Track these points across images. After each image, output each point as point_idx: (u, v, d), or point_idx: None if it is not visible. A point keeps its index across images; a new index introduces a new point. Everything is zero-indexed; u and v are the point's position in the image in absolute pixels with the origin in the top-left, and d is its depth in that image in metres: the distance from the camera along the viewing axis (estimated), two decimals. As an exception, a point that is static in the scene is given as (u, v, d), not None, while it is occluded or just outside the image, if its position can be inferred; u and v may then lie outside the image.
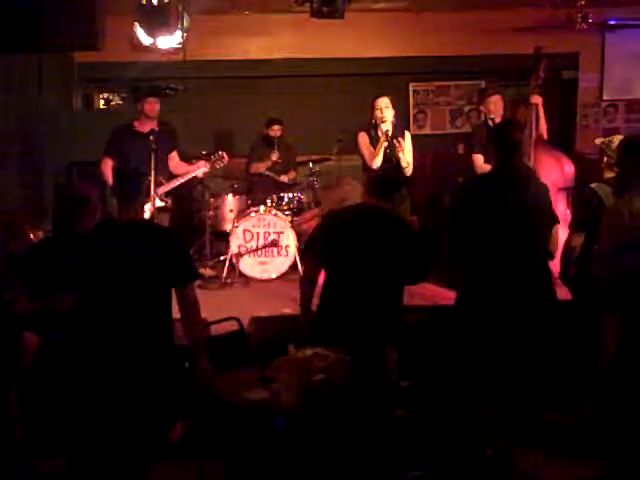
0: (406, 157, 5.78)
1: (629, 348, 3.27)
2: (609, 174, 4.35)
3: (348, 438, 3.16)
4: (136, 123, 6.25)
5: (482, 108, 6.10)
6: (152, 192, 5.50)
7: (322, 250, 3.94)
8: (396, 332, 3.87)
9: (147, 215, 4.96)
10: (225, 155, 6.39)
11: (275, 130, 7.28)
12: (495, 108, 5.95)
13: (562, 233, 4.36)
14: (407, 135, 5.95)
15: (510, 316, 3.84)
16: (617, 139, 4.39)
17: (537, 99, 5.80)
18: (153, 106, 6.24)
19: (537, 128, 5.84)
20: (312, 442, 3.15)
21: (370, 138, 5.82)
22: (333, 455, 3.15)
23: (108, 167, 6.14)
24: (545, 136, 5.95)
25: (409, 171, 5.81)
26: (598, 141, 4.56)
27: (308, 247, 4.05)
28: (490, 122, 5.88)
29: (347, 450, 3.16)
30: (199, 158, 6.57)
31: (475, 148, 5.80)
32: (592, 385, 3.49)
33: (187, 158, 6.62)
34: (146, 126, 6.16)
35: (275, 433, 3.17)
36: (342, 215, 4.19)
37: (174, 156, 6.29)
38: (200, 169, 6.32)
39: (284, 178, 7.33)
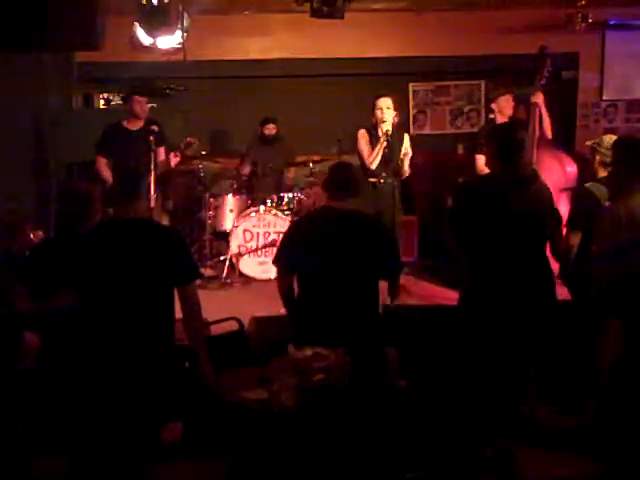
0: (404, 165, 5.78)
1: (629, 349, 3.26)
2: (603, 173, 4.36)
3: (348, 438, 3.16)
4: (125, 122, 6.29)
5: (493, 106, 6.10)
6: (152, 191, 5.52)
7: (292, 260, 3.92)
8: (377, 329, 3.87)
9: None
10: (192, 140, 6.39)
11: (270, 129, 7.31)
12: (507, 106, 5.97)
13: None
14: (406, 138, 5.94)
15: (513, 315, 3.84)
16: (608, 137, 4.41)
17: (540, 97, 5.80)
18: (142, 106, 6.28)
19: (540, 127, 5.85)
20: (311, 442, 3.15)
21: (370, 136, 5.81)
22: (333, 455, 3.15)
23: (102, 165, 6.17)
24: (549, 134, 5.94)
25: (404, 175, 5.79)
26: (588, 143, 4.57)
27: (278, 259, 4.01)
28: (497, 121, 5.91)
29: (347, 450, 3.16)
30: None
31: (478, 148, 5.79)
32: (592, 386, 3.49)
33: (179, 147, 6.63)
34: (136, 124, 6.22)
35: (275, 433, 3.17)
36: (307, 222, 4.17)
37: (161, 152, 6.31)
38: (172, 160, 6.31)
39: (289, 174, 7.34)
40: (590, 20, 7.22)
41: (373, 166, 5.67)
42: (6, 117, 6.11)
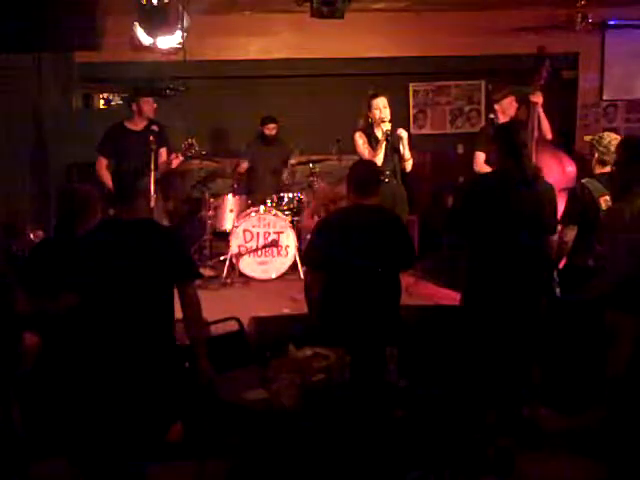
0: (406, 153, 5.76)
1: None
2: (600, 169, 4.39)
3: (348, 438, 3.16)
4: (127, 122, 6.29)
5: (497, 107, 6.09)
6: (152, 191, 5.51)
7: (321, 258, 3.93)
8: (397, 325, 3.89)
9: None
10: (194, 142, 6.39)
11: (270, 129, 7.29)
12: (510, 107, 5.97)
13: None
14: (404, 134, 5.91)
15: (513, 314, 3.84)
16: (607, 135, 4.43)
17: (538, 97, 5.80)
18: (151, 106, 6.29)
19: (539, 128, 5.85)
20: (312, 442, 3.14)
21: (367, 137, 5.78)
22: (333, 455, 3.14)
23: (103, 166, 6.18)
24: (549, 135, 5.94)
25: (409, 166, 5.78)
26: (587, 138, 4.59)
27: (307, 257, 4.04)
28: (499, 121, 5.91)
29: (347, 450, 3.15)
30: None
31: (478, 146, 5.79)
32: (604, 388, 3.48)
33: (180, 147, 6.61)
34: (139, 125, 6.23)
35: (275, 433, 3.17)
36: (335, 220, 4.19)
37: (162, 153, 6.31)
38: (174, 162, 6.32)
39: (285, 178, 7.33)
40: (590, 20, 7.23)
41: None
42: (6, 117, 6.11)
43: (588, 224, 4.12)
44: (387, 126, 5.62)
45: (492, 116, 6.22)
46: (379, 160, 5.64)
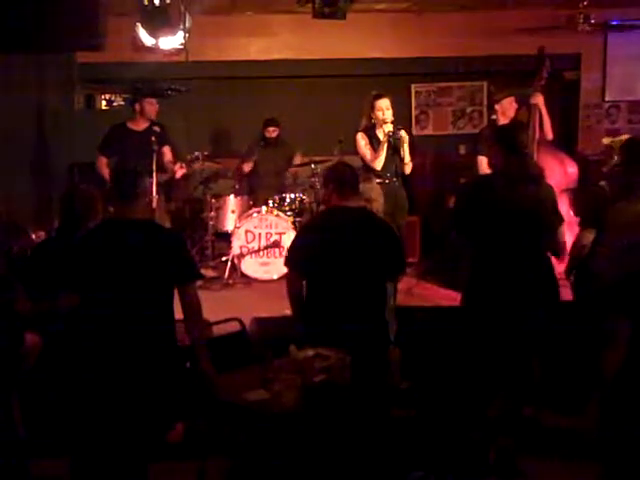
0: (406, 157, 5.76)
1: (634, 349, 3.25)
2: None
3: (349, 438, 3.15)
4: (129, 122, 6.30)
5: (497, 107, 6.09)
6: (154, 192, 5.52)
7: (303, 260, 3.88)
8: (383, 330, 3.86)
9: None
10: (200, 156, 6.42)
11: (270, 131, 7.29)
12: (510, 108, 5.97)
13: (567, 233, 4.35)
14: (404, 135, 5.91)
15: (515, 313, 3.84)
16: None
17: (539, 98, 5.80)
18: (154, 107, 6.30)
19: (540, 129, 5.84)
20: (312, 442, 3.14)
21: (369, 138, 5.78)
22: (334, 456, 3.14)
23: (103, 165, 6.20)
24: (550, 135, 5.93)
25: (408, 169, 5.78)
26: (607, 140, 4.55)
27: (289, 260, 3.98)
28: (499, 122, 5.90)
29: (348, 451, 3.15)
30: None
31: (481, 151, 5.77)
32: (596, 388, 3.47)
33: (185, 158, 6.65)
34: (141, 125, 6.24)
35: (276, 433, 3.16)
36: (317, 222, 4.16)
37: (166, 152, 6.31)
38: (178, 172, 6.39)
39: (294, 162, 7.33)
40: (592, 21, 7.23)
41: (379, 167, 5.64)
42: (7, 118, 6.11)
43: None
44: (389, 127, 5.61)
45: (494, 117, 6.22)
46: (380, 161, 5.64)
